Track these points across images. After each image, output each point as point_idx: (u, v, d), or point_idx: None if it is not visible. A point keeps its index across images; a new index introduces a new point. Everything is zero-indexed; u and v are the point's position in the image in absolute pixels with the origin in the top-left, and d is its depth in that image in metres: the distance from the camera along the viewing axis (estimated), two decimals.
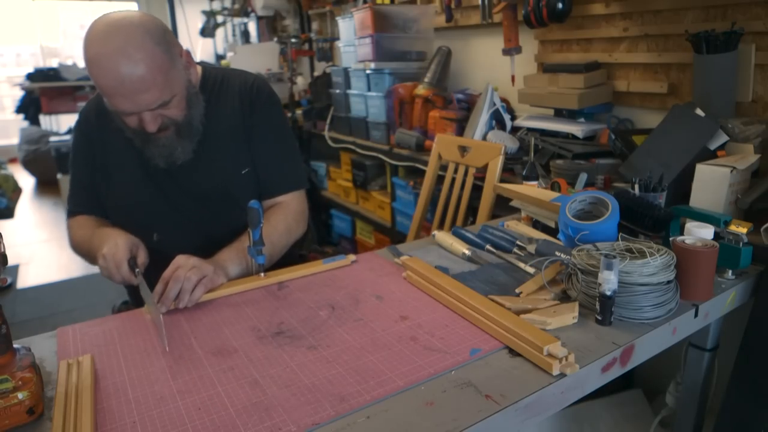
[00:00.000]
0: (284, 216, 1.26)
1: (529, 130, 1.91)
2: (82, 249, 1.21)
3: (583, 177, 1.46)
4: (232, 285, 1.06)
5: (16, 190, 4.70)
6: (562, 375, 0.75)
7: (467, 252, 1.16)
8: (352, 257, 1.19)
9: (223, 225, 1.22)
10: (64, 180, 4.58)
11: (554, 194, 1.24)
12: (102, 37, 0.99)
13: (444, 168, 2.06)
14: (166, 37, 1.06)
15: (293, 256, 1.40)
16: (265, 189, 1.28)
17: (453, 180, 1.81)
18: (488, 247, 1.18)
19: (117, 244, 1.04)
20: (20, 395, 0.67)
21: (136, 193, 1.22)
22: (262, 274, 1.09)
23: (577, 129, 1.77)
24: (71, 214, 1.29)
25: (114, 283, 1.05)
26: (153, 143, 1.14)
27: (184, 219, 1.23)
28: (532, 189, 1.33)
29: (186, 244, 1.11)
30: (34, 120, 6.21)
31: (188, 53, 1.15)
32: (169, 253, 1.05)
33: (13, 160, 6.12)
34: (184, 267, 0.98)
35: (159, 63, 1.02)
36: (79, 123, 1.28)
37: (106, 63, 0.98)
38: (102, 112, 1.19)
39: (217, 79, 1.26)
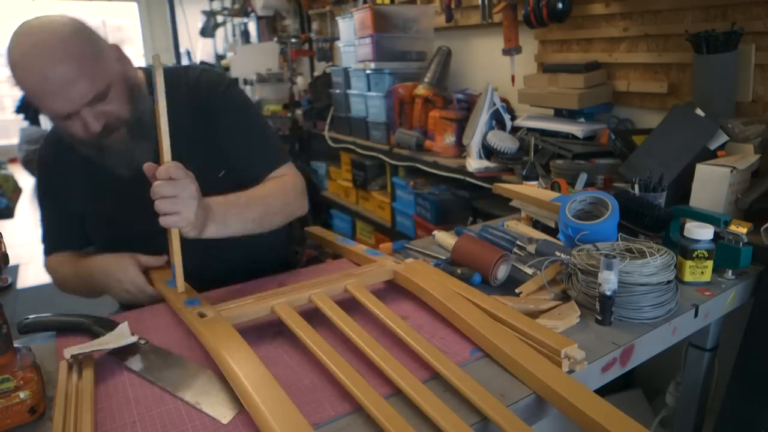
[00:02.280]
0: (280, 182, 1.15)
1: (529, 130, 1.91)
2: (73, 285, 1.20)
3: (583, 177, 1.46)
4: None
5: (16, 190, 4.70)
6: (568, 372, 0.75)
7: None
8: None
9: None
10: None
11: (554, 194, 1.24)
12: (18, 43, 0.95)
13: (444, 167, 2.06)
14: (86, 30, 1.00)
15: (288, 253, 1.39)
16: (249, 176, 1.15)
17: (452, 180, 1.80)
18: None
19: (127, 271, 1.06)
20: (22, 395, 0.67)
21: (124, 214, 1.12)
22: None
23: (577, 129, 1.77)
24: (48, 253, 1.23)
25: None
26: (108, 151, 1.04)
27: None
28: (532, 189, 1.33)
29: (187, 253, 0.97)
30: (34, 120, 6.20)
31: (118, 48, 1.08)
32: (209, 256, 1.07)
33: (13, 160, 6.12)
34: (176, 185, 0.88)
35: (81, 52, 0.95)
36: (38, 165, 1.20)
37: (26, 63, 0.93)
38: (59, 149, 1.14)
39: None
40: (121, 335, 0.83)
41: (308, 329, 0.82)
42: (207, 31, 5.14)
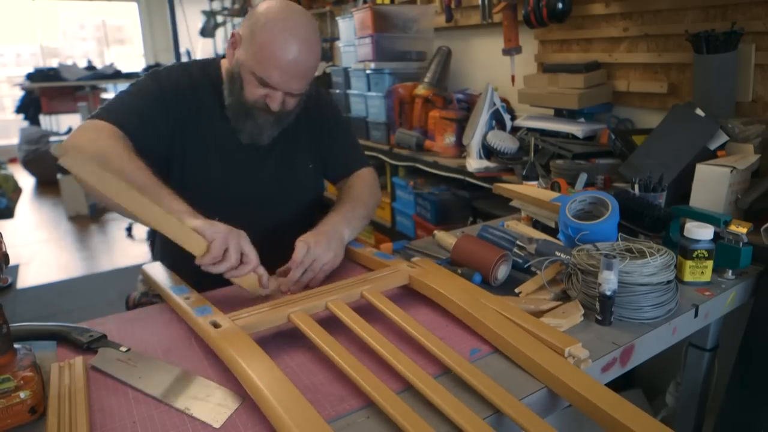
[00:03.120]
0: (364, 180, 1.36)
1: (529, 130, 1.91)
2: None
3: (583, 177, 1.46)
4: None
5: (16, 190, 4.70)
6: None
7: None
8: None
9: (281, 217, 1.28)
10: (64, 180, 4.57)
11: (554, 194, 1.24)
12: (291, 17, 1.07)
13: (444, 167, 2.06)
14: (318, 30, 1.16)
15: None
16: (338, 171, 1.38)
17: (452, 180, 1.81)
18: None
19: (241, 234, 0.97)
20: (22, 394, 0.67)
21: (211, 172, 1.21)
22: None
23: (577, 129, 1.77)
24: (106, 118, 1.07)
25: (211, 270, 0.95)
26: (251, 119, 1.16)
27: (249, 207, 1.24)
28: (532, 189, 1.33)
29: (246, 231, 1.02)
30: (34, 120, 6.21)
31: None
32: None
33: (13, 160, 6.12)
34: (319, 260, 1.04)
35: (318, 62, 1.13)
36: (163, 81, 1.17)
37: (293, 40, 1.06)
38: (194, 85, 1.18)
39: None
40: None
41: (326, 336, 0.80)
42: (207, 31, 5.14)
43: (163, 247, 1.28)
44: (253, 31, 1.07)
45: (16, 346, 0.72)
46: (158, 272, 1.09)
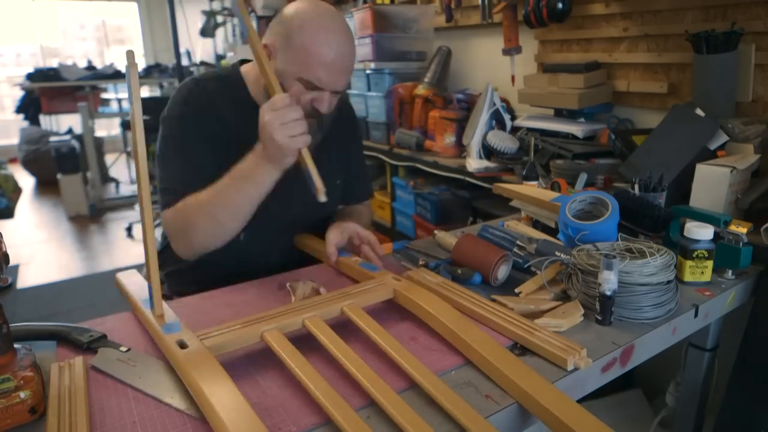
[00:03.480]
0: (366, 214, 1.42)
1: (529, 130, 1.91)
2: (207, 208, 1.02)
3: (583, 177, 1.46)
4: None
5: (16, 190, 4.70)
6: (568, 372, 0.75)
7: None
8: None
9: (308, 230, 1.28)
10: (64, 180, 4.57)
11: (554, 194, 1.24)
12: (325, 14, 1.05)
13: (444, 167, 2.06)
14: None
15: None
16: (351, 196, 1.39)
17: (452, 180, 1.81)
18: None
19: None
20: (22, 394, 0.67)
21: None
22: None
23: (577, 129, 1.77)
24: (170, 203, 1.09)
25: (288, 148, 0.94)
26: None
27: (278, 222, 1.22)
28: (532, 189, 1.33)
29: (273, 244, 1.20)
30: (34, 120, 6.21)
31: None
32: (256, 250, 1.16)
33: (13, 160, 6.12)
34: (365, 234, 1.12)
35: (355, 53, 1.11)
36: (172, 122, 1.13)
37: (335, 36, 1.04)
38: (202, 107, 1.13)
39: None
40: None
41: (298, 357, 0.75)
42: (207, 31, 5.14)
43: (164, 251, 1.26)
44: (290, 35, 1.03)
45: (16, 346, 0.72)
46: (133, 281, 1.02)
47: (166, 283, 1.29)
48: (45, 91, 5.76)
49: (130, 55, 0.79)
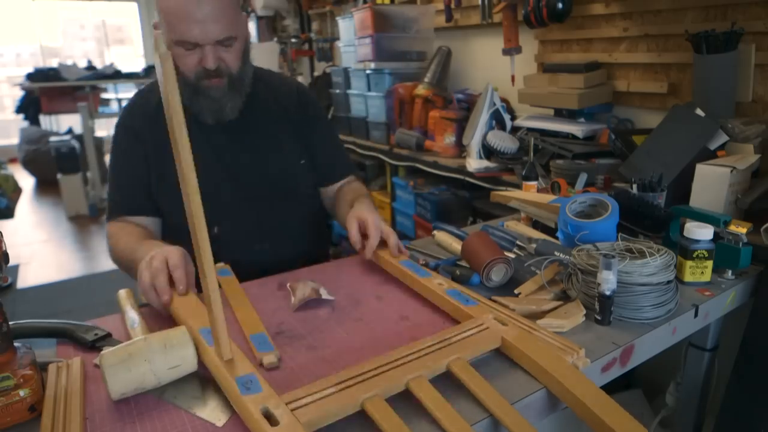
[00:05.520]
0: (359, 188, 1.37)
1: (529, 130, 1.91)
2: (125, 259, 1.10)
3: (583, 177, 1.46)
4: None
5: (16, 190, 4.70)
6: None
7: None
8: None
9: (281, 216, 1.27)
10: (64, 180, 4.57)
11: (551, 197, 1.24)
12: None
13: (444, 167, 2.06)
14: None
15: (324, 254, 1.43)
16: (325, 176, 1.38)
17: (452, 180, 1.81)
18: None
19: (171, 251, 0.95)
20: (22, 393, 0.67)
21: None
22: None
23: (577, 129, 1.77)
24: (113, 216, 1.21)
25: (153, 304, 0.92)
26: (203, 95, 1.14)
27: (245, 211, 1.24)
28: (529, 194, 1.32)
29: (247, 236, 1.20)
30: (34, 120, 6.21)
31: (250, 13, 1.22)
32: (232, 241, 1.16)
33: (13, 160, 6.12)
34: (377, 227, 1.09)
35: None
36: (123, 120, 1.24)
37: None
38: (150, 110, 1.20)
39: (255, 75, 1.27)
40: None
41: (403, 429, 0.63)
42: None
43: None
44: (157, 6, 1.08)
45: (16, 344, 0.72)
46: (181, 305, 0.88)
47: None
48: (45, 91, 5.76)
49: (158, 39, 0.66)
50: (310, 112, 1.34)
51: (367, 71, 2.54)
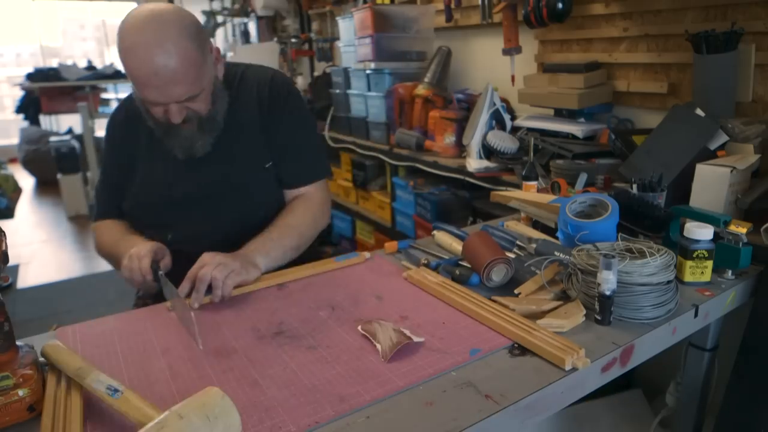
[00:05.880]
0: (309, 207, 1.27)
1: (529, 130, 1.91)
2: (107, 253, 1.23)
3: (583, 177, 1.46)
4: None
5: (16, 190, 4.70)
6: (568, 372, 0.75)
7: None
8: (366, 254, 1.20)
9: (242, 221, 1.22)
10: (64, 180, 4.57)
11: (551, 197, 1.24)
12: (139, 28, 1.01)
13: (444, 167, 2.06)
14: (200, 34, 1.08)
15: (315, 251, 1.40)
16: (287, 180, 1.28)
17: (452, 180, 1.80)
18: None
19: (142, 246, 1.07)
20: (20, 392, 0.67)
21: (154, 187, 1.23)
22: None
23: (577, 129, 1.77)
24: (99, 217, 1.31)
25: (134, 286, 1.08)
26: (174, 135, 1.15)
27: (202, 216, 1.23)
28: (529, 194, 1.32)
29: (204, 241, 1.13)
30: (34, 120, 6.21)
31: (218, 50, 1.18)
32: (187, 250, 1.09)
33: (13, 160, 6.12)
34: (209, 265, 0.99)
35: (192, 58, 1.05)
36: (108, 126, 1.31)
37: (143, 53, 1.00)
38: (130, 113, 1.24)
39: (237, 75, 1.28)
40: None
41: None
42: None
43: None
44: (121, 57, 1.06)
45: (18, 343, 0.72)
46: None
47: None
48: (45, 91, 5.76)
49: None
50: (279, 106, 1.26)
51: (367, 71, 2.54)
